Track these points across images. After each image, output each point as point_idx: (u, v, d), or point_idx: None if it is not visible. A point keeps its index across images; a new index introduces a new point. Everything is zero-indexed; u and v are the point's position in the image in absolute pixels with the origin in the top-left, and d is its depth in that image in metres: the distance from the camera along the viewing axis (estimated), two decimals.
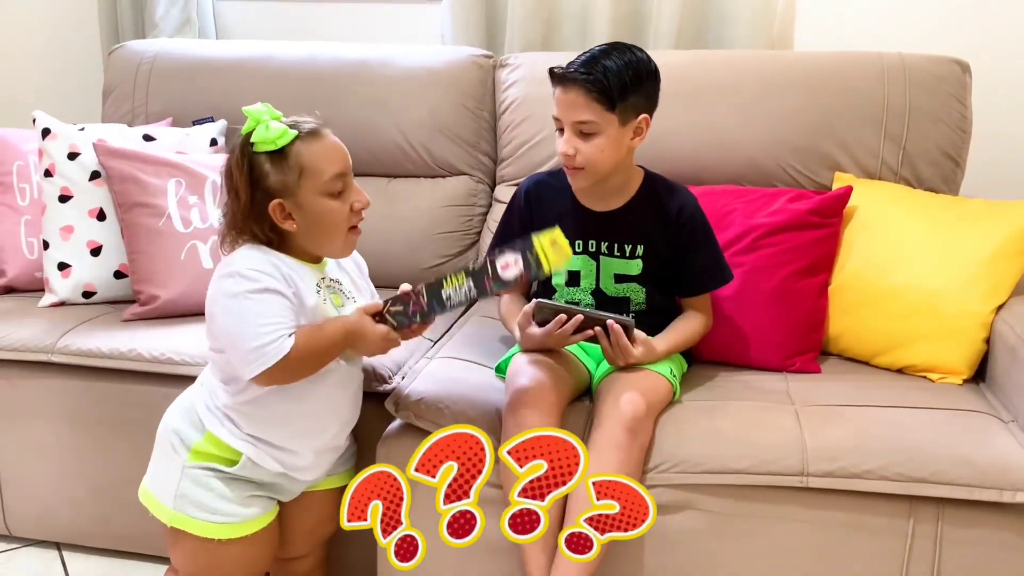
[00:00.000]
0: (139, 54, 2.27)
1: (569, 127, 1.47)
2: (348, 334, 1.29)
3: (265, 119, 1.25)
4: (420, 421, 1.44)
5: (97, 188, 1.91)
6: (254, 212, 1.28)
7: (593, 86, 1.43)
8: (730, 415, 1.46)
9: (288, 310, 1.27)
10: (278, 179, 1.26)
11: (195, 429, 1.35)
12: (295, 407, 1.33)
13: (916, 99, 1.89)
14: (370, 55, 2.17)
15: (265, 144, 1.25)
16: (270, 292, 1.26)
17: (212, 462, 1.33)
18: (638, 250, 1.56)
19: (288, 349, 1.23)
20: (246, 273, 1.26)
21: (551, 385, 1.40)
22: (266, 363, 1.23)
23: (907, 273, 1.67)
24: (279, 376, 1.26)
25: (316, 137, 1.29)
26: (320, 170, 1.27)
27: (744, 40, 2.24)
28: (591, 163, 1.48)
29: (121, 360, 1.68)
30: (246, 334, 1.23)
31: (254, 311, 1.24)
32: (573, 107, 1.46)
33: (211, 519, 1.33)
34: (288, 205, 1.27)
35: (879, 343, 1.68)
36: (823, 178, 1.93)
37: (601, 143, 1.47)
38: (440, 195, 2.12)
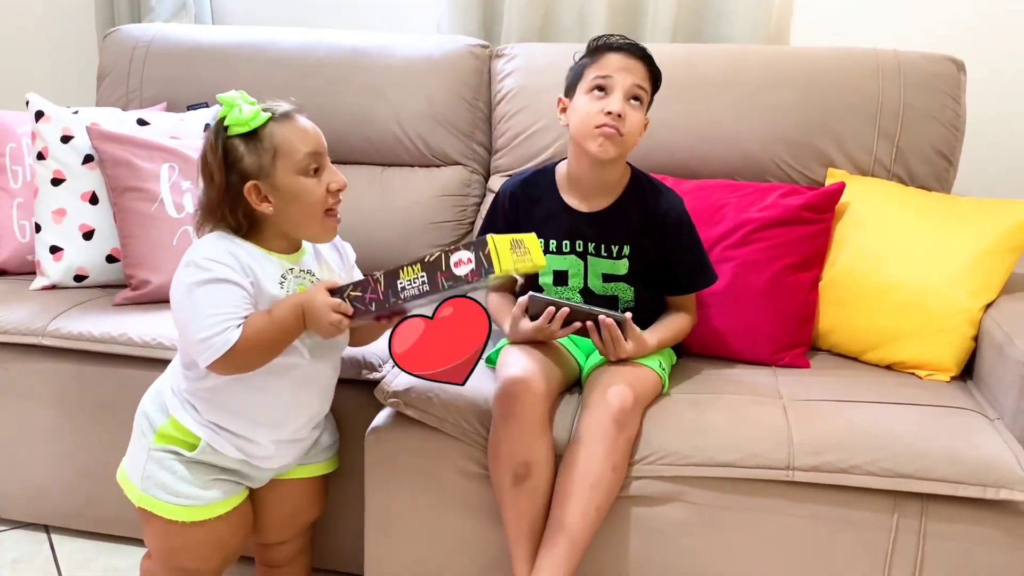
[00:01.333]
0: (134, 38, 2.26)
1: (624, 90, 1.47)
2: (298, 308, 1.26)
3: (239, 103, 1.26)
4: (409, 410, 1.45)
5: (90, 172, 1.91)
6: (229, 196, 1.28)
7: (651, 64, 1.51)
8: (718, 408, 1.47)
9: (241, 300, 1.26)
10: (253, 161, 1.27)
11: (161, 413, 1.37)
12: (253, 398, 1.33)
13: (911, 96, 1.90)
14: (367, 43, 2.17)
15: (239, 126, 1.26)
16: (222, 282, 1.25)
17: (174, 445, 1.35)
18: (624, 250, 1.56)
19: (234, 340, 1.23)
20: (200, 263, 1.26)
21: (540, 375, 1.41)
22: (213, 355, 1.23)
23: (897, 270, 1.67)
24: (230, 366, 1.26)
25: (289, 119, 1.29)
26: (294, 149, 1.28)
27: (741, 34, 2.24)
28: (630, 133, 1.49)
29: (112, 344, 1.68)
30: (196, 325, 1.24)
31: (203, 301, 1.25)
32: (636, 71, 1.49)
33: (174, 501, 1.35)
34: (263, 187, 1.28)
35: (868, 339, 1.69)
36: (816, 174, 1.93)
37: (642, 117, 1.51)
38: (435, 184, 2.12)
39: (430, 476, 1.47)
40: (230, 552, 1.42)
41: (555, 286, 1.60)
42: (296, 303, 1.27)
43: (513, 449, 1.36)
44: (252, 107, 1.27)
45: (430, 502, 1.47)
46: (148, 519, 1.37)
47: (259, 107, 1.28)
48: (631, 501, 1.40)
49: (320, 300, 1.26)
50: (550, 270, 1.59)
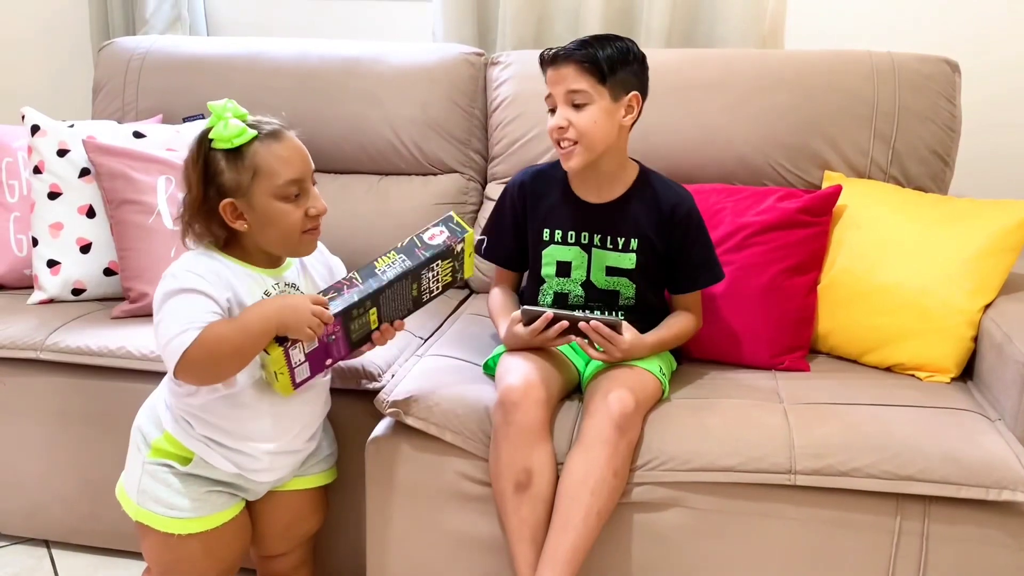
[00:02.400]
0: (129, 51, 2.26)
1: (561, 100, 1.49)
2: (268, 311, 1.23)
3: (226, 116, 1.25)
4: (409, 419, 1.44)
5: (87, 185, 1.91)
6: (204, 209, 1.27)
7: (584, 58, 1.47)
8: (718, 413, 1.46)
9: (205, 309, 1.24)
10: (231, 178, 1.25)
11: (155, 427, 1.36)
12: (239, 413, 1.33)
13: (905, 98, 1.90)
14: (362, 52, 2.17)
15: (222, 142, 1.24)
16: (190, 292, 1.24)
17: (169, 459, 1.35)
18: (632, 244, 1.56)
19: (188, 343, 1.20)
20: (176, 273, 1.26)
21: (540, 382, 1.40)
22: (172, 359, 1.22)
23: (896, 271, 1.67)
24: (191, 373, 1.23)
25: (276, 139, 1.27)
26: (275, 173, 1.26)
27: (735, 38, 2.24)
28: (585, 136, 1.48)
29: (110, 358, 1.67)
30: (159, 332, 1.24)
31: (170, 310, 1.24)
32: (564, 78, 1.48)
33: (169, 514, 1.34)
34: (240, 205, 1.27)
35: (867, 341, 1.69)
36: (813, 176, 1.93)
37: (594, 113, 1.48)
38: (431, 193, 2.11)
39: (431, 485, 1.46)
40: (228, 564, 1.41)
41: (557, 277, 1.60)
42: (268, 306, 1.25)
43: (514, 457, 1.35)
44: (238, 122, 1.25)
45: (431, 511, 1.47)
46: (146, 533, 1.37)
47: (246, 123, 1.26)
48: (632, 507, 1.40)
49: (299, 298, 1.26)
50: (554, 261, 1.60)
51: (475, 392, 1.48)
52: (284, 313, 1.24)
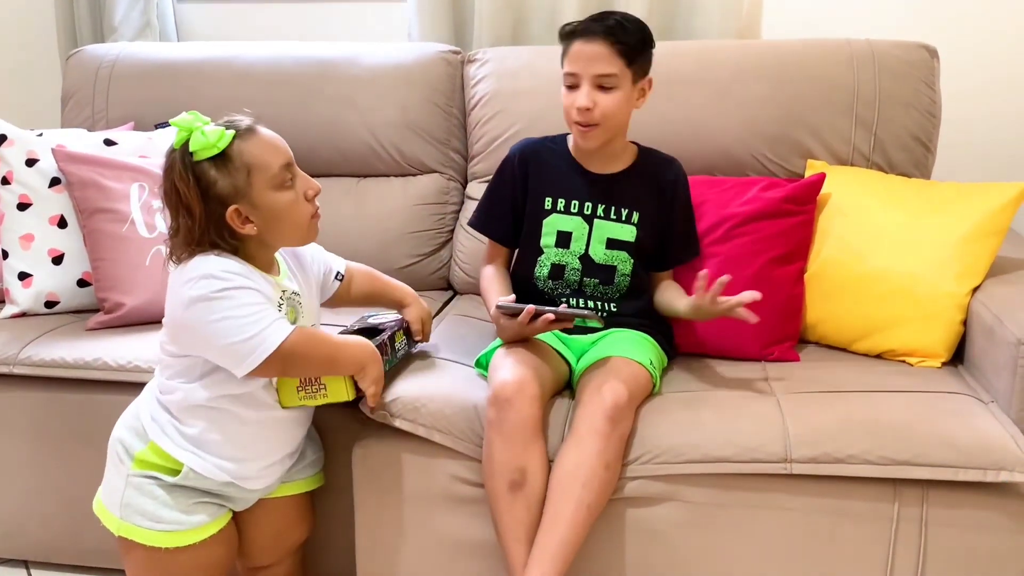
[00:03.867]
0: (98, 58, 2.22)
1: (589, 80, 1.47)
2: (365, 347, 1.34)
3: (198, 126, 1.22)
4: (396, 421, 1.41)
5: (57, 195, 1.86)
6: (212, 224, 1.24)
7: (617, 38, 1.46)
8: (711, 405, 1.45)
9: (273, 307, 1.26)
10: (227, 183, 1.23)
11: (139, 438, 1.32)
12: (238, 428, 1.31)
13: (885, 85, 1.90)
14: (336, 54, 2.14)
15: (206, 150, 1.21)
16: (246, 289, 1.23)
17: (154, 471, 1.31)
18: (633, 216, 1.57)
19: (285, 336, 1.22)
20: (216, 274, 1.22)
21: (533, 378, 1.38)
22: (265, 351, 1.21)
23: (883, 258, 1.66)
24: (281, 364, 1.24)
25: (253, 133, 1.26)
26: (267, 164, 1.25)
27: (712, 30, 2.24)
28: (608, 118, 1.49)
29: (86, 370, 1.63)
30: (233, 328, 1.21)
31: (236, 303, 1.22)
32: (596, 59, 1.46)
33: (156, 527, 1.30)
34: (243, 208, 1.24)
35: (857, 329, 1.68)
36: (795, 166, 1.92)
37: (619, 97, 1.48)
38: (411, 194, 2.09)
39: (421, 488, 1.43)
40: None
41: (556, 248, 1.60)
42: (367, 345, 1.35)
43: (507, 456, 1.33)
44: (214, 127, 1.23)
45: (422, 515, 1.44)
46: (129, 548, 1.33)
47: (220, 125, 1.24)
48: (626, 503, 1.38)
49: (379, 356, 1.37)
50: (554, 230, 1.59)
51: (464, 392, 1.45)
52: (377, 362, 1.35)
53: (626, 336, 1.56)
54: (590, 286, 1.59)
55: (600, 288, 1.59)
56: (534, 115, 1.99)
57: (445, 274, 2.10)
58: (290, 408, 1.34)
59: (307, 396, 1.33)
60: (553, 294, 1.62)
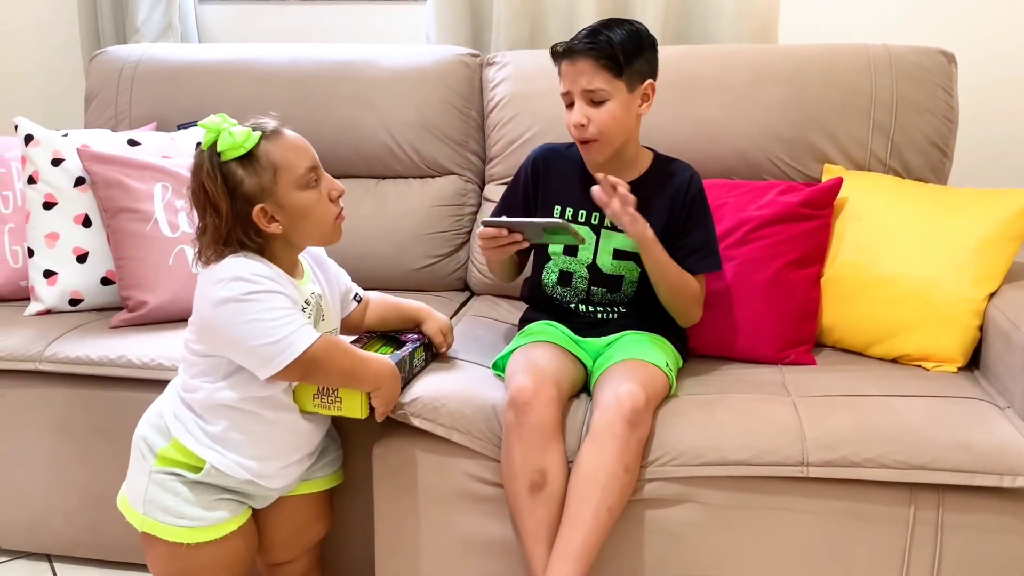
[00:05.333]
0: (121, 59, 2.24)
1: (579, 96, 1.50)
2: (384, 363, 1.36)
3: (225, 127, 1.25)
4: (416, 420, 1.43)
5: (82, 194, 1.89)
6: (239, 223, 1.27)
7: (599, 53, 1.47)
8: (727, 407, 1.45)
9: (300, 312, 1.28)
10: (254, 182, 1.25)
11: (162, 436, 1.35)
12: (259, 428, 1.33)
13: (903, 90, 1.90)
14: (355, 56, 2.15)
15: (234, 150, 1.24)
16: (276, 293, 1.26)
17: (177, 467, 1.33)
18: None
19: (311, 341, 1.24)
20: (246, 276, 1.25)
21: (551, 380, 1.40)
22: (291, 355, 1.24)
23: (899, 263, 1.67)
24: (304, 369, 1.26)
25: (279, 135, 1.29)
26: (293, 164, 1.28)
27: (728, 34, 2.24)
28: (604, 132, 1.50)
29: (110, 367, 1.65)
30: (262, 330, 1.23)
31: (264, 307, 1.24)
32: (581, 76, 1.48)
33: (178, 523, 1.32)
34: (269, 207, 1.27)
35: (873, 333, 1.68)
36: (812, 170, 1.93)
37: (612, 109, 1.49)
38: (429, 195, 2.10)
39: (440, 488, 1.45)
40: (237, 573, 1.39)
41: (564, 255, 1.61)
42: (387, 364, 1.36)
43: (527, 457, 1.34)
44: (241, 128, 1.26)
45: (441, 514, 1.46)
46: (152, 544, 1.35)
47: (247, 127, 1.27)
48: (644, 504, 1.39)
49: (398, 376, 1.38)
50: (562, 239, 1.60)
51: (482, 392, 1.47)
52: (395, 382, 1.38)
53: (641, 338, 1.57)
54: (598, 294, 1.60)
55: (608, 296, 1.60)
56: (552, 118, 1.99)
57: (462, 275, 2.11)
58: (306, 413, 1.36)
59: (322, 405, 1.35)
60: (563, 300, 1.63)
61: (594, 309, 1.61)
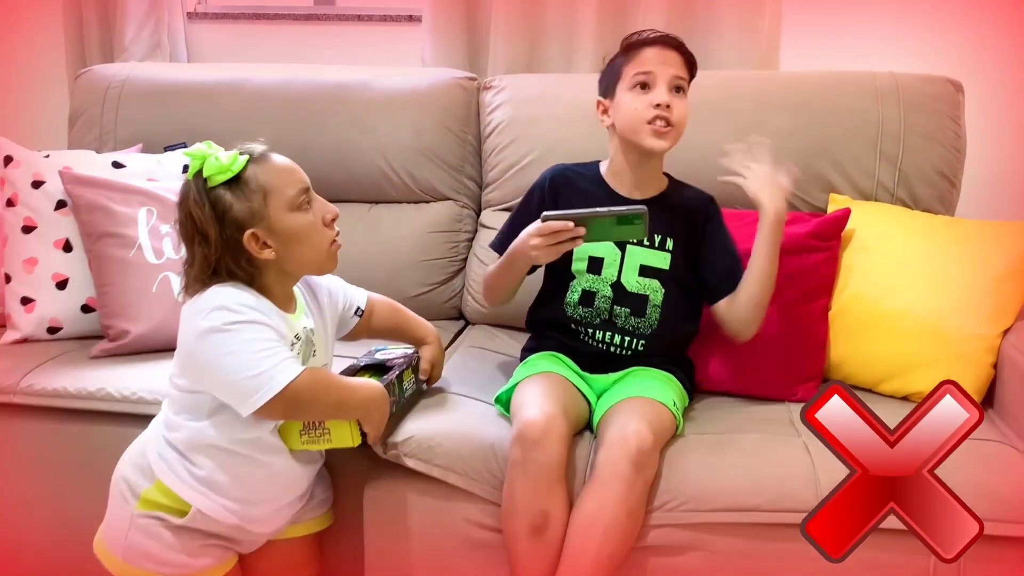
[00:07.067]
0: (107, 78, 2.18)
1: (666, 81, 1.49)
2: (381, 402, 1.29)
3: (211, 153, 1.20)
4: (409, 460, 1.36)
5: (63, 218, 1.82)
6: (229, 250, 1.21)
7: (687, 54, 1.53)
8: (736, 448, 1.40)
9: (286, 345, 1.22)
10: (244, 207, 1.20)
11: (145, 476, 1.28)
12: (247, 471, 1.27)
13: (911, 119, 1.87)
14: (349, 78, 2.11)
15: (221, 174, 1.19)
16: (260, 324, 1.19)
17: (161, 511, 1.26)
18: (668, 243, 1.54)
19: (293, 376, 1.18)
20: (230, 306, 1.19)
21: (559, 416, 1.34)
22: (271, 390, 1.17)
23: (910, 297, 1.62)
24: (286, 406, 1.19)
25: (267, 158, 1.24)
26: (283, 186, 1.23)
27: (729, 61, 2.21)
28: (680, 122, 1.50)
29: (89, 400, 1.58)
30: (242, 363, 1.17)
31: (246, 339, 1.18)
32: (673, 63, 1.51)
33: (160, 571, 1.26)
34: (261, 232, 1.21)
35: (883, 369, 1.63)
36: (817, 200, 1.89)
37: (686, 103, 1.52)
38: (424, 221, 2.05)
39: (435, 532, 1.39)
40: None
41: (588, 273, 1.56)
42: (376, 390, 1.29)
43: (531, 499, 1.28)
44: (228, 153, 1.21)
45: (436, 560, 1.39)
46: None
47: (235, 151, 1.22)
48: (649, 552, 1.33)
49: (387, 399, 1.30)
50: (586, 256, 1.56)
51: (480, 430, 1.41)
52: (382, 408, 1.30)
53: (649, 375, 1.51)
54: (621, 316, 1.55)
55: (631, 320, 1.55)
56: (551, 143, 1.96)
57: (457, 303, 2.05)
58: (295, 452, 1.29)
59: (310, 441, 1.28)
60: (583, 322, 1.57)
61: (611, 338, 1.55)
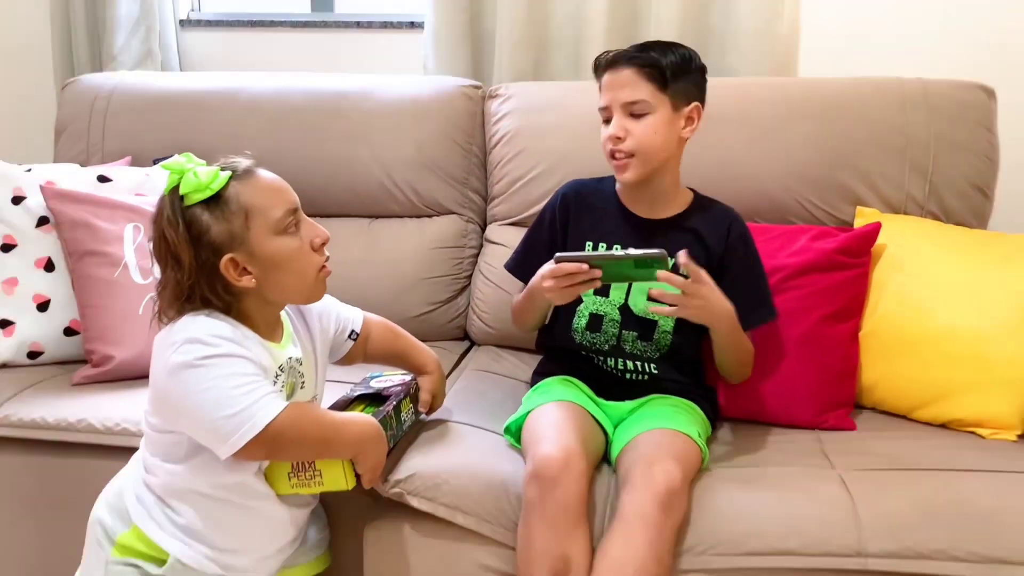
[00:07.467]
0: (95, 88, 2.09)
1: (619, 109, 1.40)
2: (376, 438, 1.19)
3: (190, 167, 1.09)
4: (414, 499, 1.26)
5: (45, 235, 1.72)
6: (203, 275, 1.10)
7: (645, 62, 1.39)
8: (768, 484, 1.29)
9: (267, 379, 1.11)
10: (222, 229, 1.10)
11: (121, 520, 1.18)
12: (230, 518, 1.16)
13: (941, 127, 1.77)
14: (348, 86, 2.02)
15: (198, 192, 1.09)
16: (237, 357, 1.08)
17: (137, 558, 1.15)
18: (682, 269, 1.41)
19: (275, 413, 1.07)
20: (204, 339, 1.08)
21: (578, 450, 1.23)
22: (251, 429, 1.06)
23: (947, 316, 1.52)
24: (268, 446, 1.08)
25: (252, 175, 1.13)
26: (267, 206, 1.12)
27: (746, 67, 2.11)
28: (642, 148, 1.39)
29: (69, 432, 1.48)
30: (218, 401, 1.06)
31: (221, 374, 1.07)
32: (623, 86, 1.40)
33: None
34: (240, 257, 1.11)
35: (919, 394, 1.53)
36: (843, 213, 1.79)
37: (654, 123, 1.39)
38: (427, 236, 1.95)
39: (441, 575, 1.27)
40: None
41: (596, 295, 1.47)
42: (369, 425, 1.18)
43: (550, 542, 1.17)
44: (209, 168, 1.10)
45: None
46: None
47: (217, 167, 1.11)
48: None
49: (383, 435, 1.20)
50: None
51: (491, 464, 1.30)
52: (378, 447, 1.19)
53: (669, 404, 1.41)
54: (628, 340, 1.45)
55: (639, 344, 1.45)
56: (559, 154, 1.86)
57: (462, 323, 1.95)
58: (284, 496, 1.18)
59: (300, 484, 1.17)
60: (591, 348, 1.47)
61: (623, 364, 1.45)
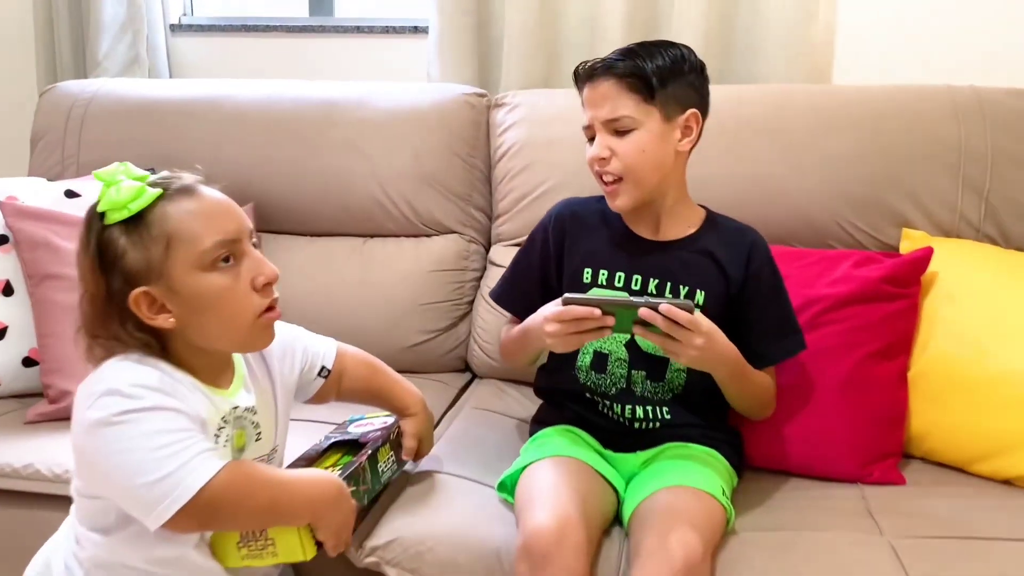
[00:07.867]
0: (73, 96, 1.95)
1: (601, 127, 1.24)
2: (336, 499, 1.02)
3: (119, 179, 0.94)
4: (393, 570, 1.11)
5: (4, 256, 1.58)
6: (113, 308, 0.94)
7: (626, 71, 1.23)
8: (805, 552, 1.12)
9: (201, 435, 0.94)
10: (138, 257, 0.94)
11: None
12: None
13: (998, 141, 1.60)
14: (343, 94, 1.89)
15: (116, 211, 0.93)
16: (164, 410, 0.92)
17: None
18: (697, 296, 1.26)
19: (210, 475, 0.90)
20: (125, 390, 0.91)
21: (576, 519, 1.07)
22: (181, 496, 0.89)
23: (1007, 355, 1.35)
24: (203, 515, 0.92)
25: (190, 194, 0.97)
26: (195, 236, 0.95)
27: (776, 76, 1.95)
28: (631, 168, 1.23)
29: (14, 479, 1.34)
30: (142, 464, 0.89)
31: (145, 432, 0.90)
32: (603, 101, 1.24)
33: None
34: (158, 292, 0.94)
35: (977, 446, 1.35)
36: (888, 236, 1.62)
37: (641, 139, 1.22)
38: (425, 257, 1.81)
39: None
40: None
41: None
42: (330, 485, 1.02)
43: None
44: (133, 183, 0.94)
45: None
46: None
47: (148, 181, 0.95)
48: None
49: (352, 503, 1.04)
50: None
51: (481, 529, 1.15)
52: (340, 508, 1.02)
53: (688, 454, 1.24)
54: (638, 381, 1.28)
55: (649, 386, 1.28)
56: (570, 168, 1.70)
57: (462, 353, 1.80)
58: (232, 569, 1.01)
59: (251, 555, 1.00)
60: (596, 391, 1.30)
61: (631, 412, 1.28)
